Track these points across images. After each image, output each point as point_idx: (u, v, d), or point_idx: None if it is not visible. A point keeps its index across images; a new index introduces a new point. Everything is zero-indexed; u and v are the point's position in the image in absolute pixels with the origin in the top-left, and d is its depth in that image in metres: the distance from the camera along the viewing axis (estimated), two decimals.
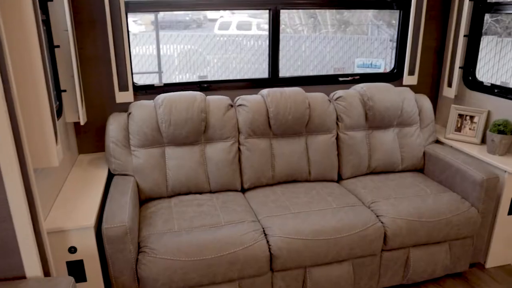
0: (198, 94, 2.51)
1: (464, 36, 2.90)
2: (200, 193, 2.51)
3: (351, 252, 2.19)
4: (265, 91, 2.65)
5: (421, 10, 2.90)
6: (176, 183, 2.45)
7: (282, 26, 2.93)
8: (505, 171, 2.47)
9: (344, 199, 2.43)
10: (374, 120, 2.76)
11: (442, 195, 2.49)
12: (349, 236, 2.16)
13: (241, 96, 2.65)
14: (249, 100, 2.60)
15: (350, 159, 2.71)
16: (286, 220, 2.20)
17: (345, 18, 4.13)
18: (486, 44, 2.92)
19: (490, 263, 2.66)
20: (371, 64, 3.96)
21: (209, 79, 3.18)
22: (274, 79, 2.93)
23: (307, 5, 2.92)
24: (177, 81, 5.12)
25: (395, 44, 3.25)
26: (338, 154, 2.72)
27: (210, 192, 2.54)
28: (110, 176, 2.45)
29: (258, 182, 2.59)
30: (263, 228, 2.17)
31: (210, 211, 2.28)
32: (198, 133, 2.48)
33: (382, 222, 2.26)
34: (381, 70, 3.81)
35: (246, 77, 4.09)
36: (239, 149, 2.58)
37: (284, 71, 3.86)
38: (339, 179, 2.75)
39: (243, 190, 2.61)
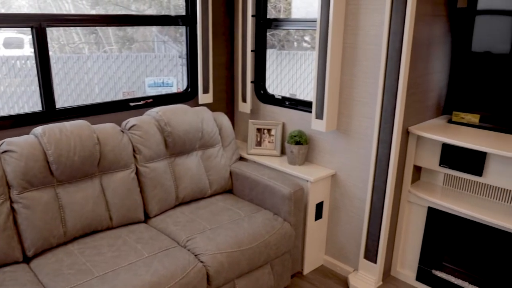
0: None
1: (252, 51, 2.92)
2: None
3: None
4: (39, 129, 2.11)
5: (208, 26, 2.79)
6: None
7: (58, 45, 2.42)
8: (307, 181, 2.55)
9: (156, 243, 2.10)
10: (175, 147, 2.51)
11: (256, 215, 2.41)
12: None
13: (5, 140, 2.05)
14: (18, 143, 2.02)
15: (156, 194, 2.40)
16: None
17: (128, 34, 3.76)
18: (268, 57, 3.01)
19: (307, 269, 2.72)
20: (162, 82, 3.72)
21: None
22: (49, 112, 2.39)
23: (80, 22, 2.48)
24: None
25: (184, 60, 3.09)
26: (141, 191, 2.38)
27: None
28: None
29: (46, 245, 2.04)
30: None
31: None
32: None
33: (202, 262, 2.02)
34: (174, 88, 3.61)
35: (12, 112, 3.33)
36: (12, 208, 1.98)
37: (63, 101, 3.27)
38: (147, 218, 2.41)
39: (27, 260, 2.03)
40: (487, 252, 2.29)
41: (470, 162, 2.18)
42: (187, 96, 2.96)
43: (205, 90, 2.91)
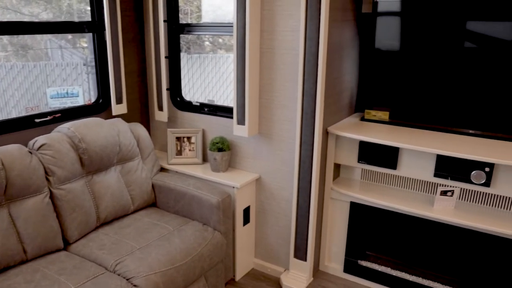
0: None
1: (165, 57, 2.82)
2: None
3: None
4: None
5: (117, 32, 2.63)
6: None
7: None
8: (233, 187, 2.54)
9: (82, 272, 1.94)
10: (92, 164, 2.34)
11: (185, 228, 2.34)
12: None
13: None
14: None
15: (75, 217, 2.21)
16: None
17: (21, 41, 3.42)
18: (186, 62, 2.94)
19: (239, 274, 2.72)
20: (67, 93, 3.44)
21: None
22: None
23: None
24: None
25: (90, 68, 2.89)
26: (58, 215, 2.17)
27: None
28: None
29: None
30: None
31: None
32: None
33: (135, 286, 1.91)
34: (80, 98, 3.36)
35: None
36: None
37: None
38: (66, 244, 2.21)
39: None
40: (405, 238, 2.48)
41: (385, 157, 2.34)
42: (99, 108, 2.77)
43: (119, 101, 2.75)
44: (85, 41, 3.37)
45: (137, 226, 2.35)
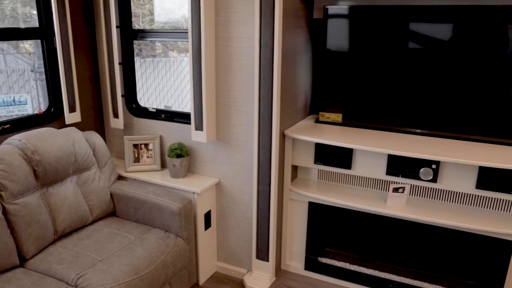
0: None
1: (119, 63, 2.78)
2: None
3: None
4: None
5: (68, 39, 2.56)
6: None
7: None
8: (194, 192, 2.55)
9: None
10: (47, 176, 2.27)
11: (147, 236, 2.33)
12: None
13: None
14: None
15: (31, 232, 2.14)
16: None
17: None
18: (139, 66, 2.91)
19: (202, 278, 2.73)
20: (13, 100, 3.29)
21: None
22: None
23: None
24: None
25: (39, 75, 2.79)
26: (13, 231, 2.09)
27: None
28: None
29: None
30: None
31: None
32: None
33: None
34: (29, 106, 3.23)
35: None
36: None
37: None
38: (23, 261, 2.14)
39: None
40: (361, 233, 2.60)
41: (340, 158, 2.44)
42: (51, 117, 2.68)
43: (72, 109, 2.68)
44: (30, 45, 3.24)
45: (97, 237, 2.32)
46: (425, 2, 2.36)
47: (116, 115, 2.87)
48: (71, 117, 2.68)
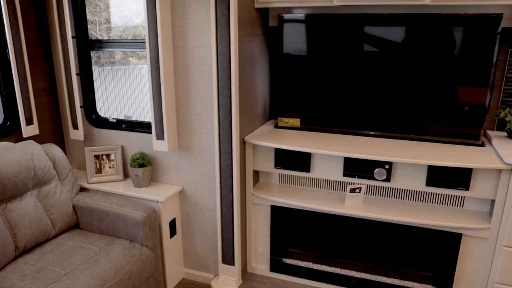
0: None
1: (77, 74, 2.75)
2: None
3: None
4: None
5: (21, 50, 2.52)
6: None
7: None
8: (158, 201, 2.57)
9: None
10: (5, 192, 2.24)
11: (112, 247, 2.34)
12: None
13: None
14: None
15: None
16: None
17: None
18: (98, 75, 2.89)
19: (170, 285, 2.76)
20: None
21: None
22: None
23: None
24: None
25: None
26: None
27: None
28: None
29: None
30: None
31: None
32: None
33: None
34: None
35: None
36: None
37: None
38: None
39: None
40: (322, 233, 2.70)
41: (299, 162, 2.52)
42: (7, 131, 2.63)
43: (29, 122, 2.64)
44: None
45: (60, 251, 2.30)
46: (377, 10, 2.48)
47: (75, 127, 2.85)
48: (28, 130, 2.64)
